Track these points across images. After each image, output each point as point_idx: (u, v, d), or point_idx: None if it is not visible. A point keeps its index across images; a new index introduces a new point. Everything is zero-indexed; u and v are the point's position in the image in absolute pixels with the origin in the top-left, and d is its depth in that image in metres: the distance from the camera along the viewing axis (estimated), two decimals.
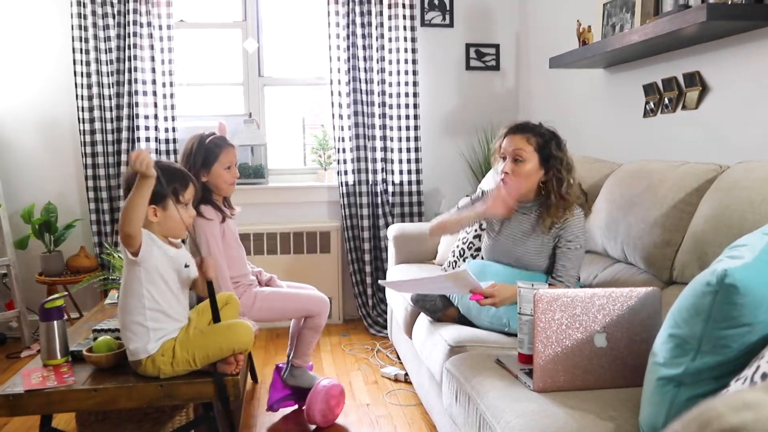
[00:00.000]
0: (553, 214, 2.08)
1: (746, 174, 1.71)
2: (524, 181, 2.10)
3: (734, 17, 1.89)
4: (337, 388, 2.51)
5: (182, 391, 1.84)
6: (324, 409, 2.43)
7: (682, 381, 1.14)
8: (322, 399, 2.42)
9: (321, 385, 2.45)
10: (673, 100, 2.43)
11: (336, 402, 2.49)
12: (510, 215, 2.15)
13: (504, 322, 2.02)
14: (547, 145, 2.09)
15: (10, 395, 1.76)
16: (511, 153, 2.11)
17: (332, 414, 2.48)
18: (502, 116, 4.00)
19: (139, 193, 1.69)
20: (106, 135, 3.62)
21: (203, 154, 2.38)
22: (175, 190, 1.86)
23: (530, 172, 2.10)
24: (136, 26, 3.52)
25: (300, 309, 2.50)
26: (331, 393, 2.46)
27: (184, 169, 1.95)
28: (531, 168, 2.09)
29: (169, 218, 1.85)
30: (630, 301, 1.49)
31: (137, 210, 1.70)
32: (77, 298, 3.69)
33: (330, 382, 2.49)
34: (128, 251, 1.76)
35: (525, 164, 2.09)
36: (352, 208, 3.82)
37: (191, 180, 1.93)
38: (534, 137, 2.10)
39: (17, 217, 3.64)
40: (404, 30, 3.75)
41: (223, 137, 2.46)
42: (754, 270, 1.07)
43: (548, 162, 2.09)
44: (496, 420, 1.44)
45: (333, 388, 2.48)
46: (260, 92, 3.94)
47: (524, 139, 2.10)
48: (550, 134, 2.13)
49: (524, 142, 2.09)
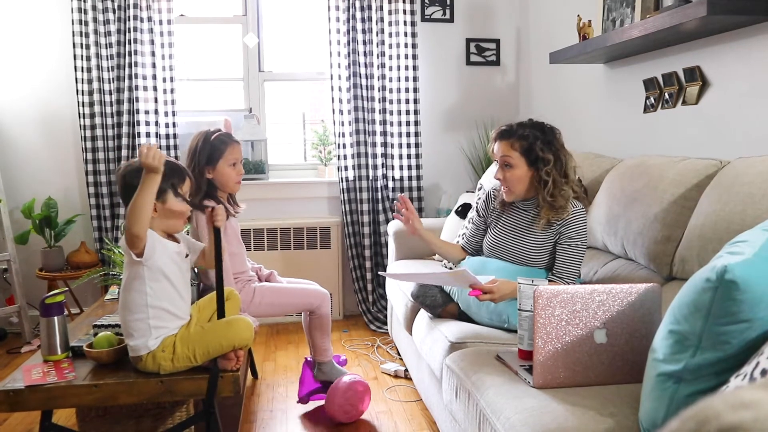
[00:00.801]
0: (545, 214, 2.09)
1: (746, 169, 1.71)
2: (517, 185, 2.14)
3: (734, 12, 1.88)
4: (360, 385, 2.45)
5: (182, 387, 1.84)
6: (344, 404, 2.40)
7: (682, 377, 1.13)
8: (341, 395, 2.39)
9: (342, 381, 2.42)
10: (673, 95, 2.43)
11: (359, 398, 2.44)
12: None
13: (504, 318, 2.02)
14: (532, 148, 2.09)
15: (11, 391, 1.77)
16: (500, 159, 2.15)
17: (355, 410, 2.44)
18: (503, 111, 3.99)
19: (147, 191, 1.68)
20: (107, 130, 3.62)
21: (208, 150, 2.37)
22: (173, 184, 1.85)
23: (520, 176, 2.13)
24: (137, 21, 3.52)
25: (298, 303, 2.50)
26: (352, 389, 2.42)
27: (179, 163, 1.94)
28: (521, 172, 2.12)
29: (169, 212, 1.84)
30: (630, 297, 1.49)
31: (145, 209, 1.68)
32: (78, 293, 3.70)
33: (352, 378, 2.46)
34: (133, 253, 1.75)
35: (514, 169, 2.12)
36: (352, 204, 3.82)
37: (187, 174, 1.92)
38: (517, 141, 2.11)
39: (18, 212, 3.64)
40: (404, 25, 3.74)
41: (229, 134, 2.46)
42: (754, 266, 1.07)
43: (536, 164, 2.10)
44: (496, 416, 1.45)
45: (354, 384, 2.43)
46: (260, 87, 3.94)
47: (508, 145, 2.12)
48: (534, 135, 2.11)
49: (509, 148, 2.12)
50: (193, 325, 1.89)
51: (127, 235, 1.72)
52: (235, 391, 1.87)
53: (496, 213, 2.31)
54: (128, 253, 1.76)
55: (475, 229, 2.38)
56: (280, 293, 2.50)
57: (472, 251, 2.40)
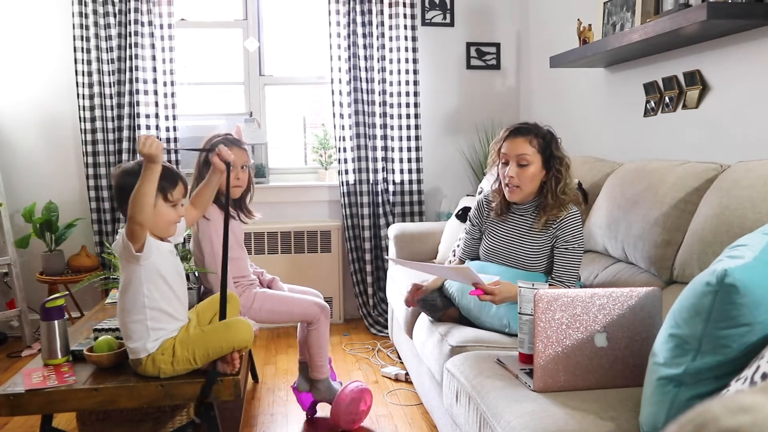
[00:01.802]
0: (549, 212, 2.08)
1: (746, 173, 1.71)
2: (529, 184, 2.10)
3: (734, 16, 1.88)
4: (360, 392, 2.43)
5: (182, 391, 1.84)
6: (349, 416, 2.40)
7: (683, 381, 1.13)
8: (345, 410, 2.38)
9: (344, 393, 2.40)
10: (673, 99, 2.43)
11: (362, 404, 2.44)
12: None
13: (504, 323, 2.02)
14: (549, 146, 2.09)
15: (11, 395, 1.76)
16: (515, 158, 2.08)
17: (359, 416, 2.44)
18: (503, 115, 4.00)
19: (148, 179, 1.69)
20: (108, 134, 3.63)
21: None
22: (163, 188, 1.82)
23: (534, 175, 2.09)
24: (137, 25, 3.52)
25: (296, 314, 2.47)
26: (353, 398, 2.41)
27: (174, 167, 1.93)
28: (535, 170, 2.08)
29: (158, 215, 1.81)
30: (630, 300, 1.49)
31: (148, 197, 1.69)
32: (78, 297, 3.70)
33: (352, 388, 2.43)
34: (133, 247, 1.74)
35: (529, 167, 2.08)
36: (352, 208, 3.82)
37: (181, 179, 1.90)
38: (536, 138, 2.09)
39: (18, 216, 3.65)
40: (405, 29, 3.75)
41: (236, 139, 2.49)
42: (754, 270, 1.07)
43: (549, 162, 2.09)
44: (496, 420, 1.44)
45: (355, 392, 2.42)
46: (261, 91, 3.94)
47: (527, 142, 2.08)
48: (549, 134, 2.12)
49: (527, 144, 2.07)
50: (193, 328, 1.88)
51: (130, 227, 1.71)
52: (236, 394, 1.87)
53: (490, 220, 2.28)
54: (128, 249, 1.74)
55: (470, 239, 2.34)
56: (281, 301, 2.47)
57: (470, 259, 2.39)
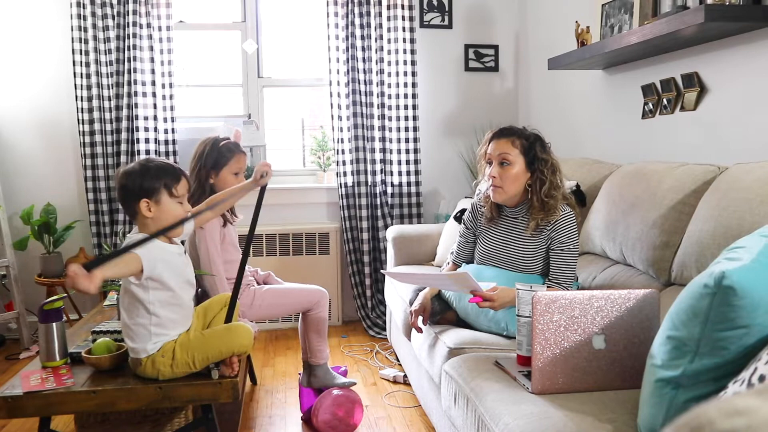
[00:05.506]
0: (535, 216, 2.09)
1: (744, 175, 1.71)
2: (512, 185, 2.11)
3: (732, 18, 1.89)
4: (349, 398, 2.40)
5: (181, 393, 1.84)
6: (330, 420, 2.35)
7: (681, 383, 1.14)
8: (326, 409, 2.35)
9: (333, 392, 2.38)
10: (671, 101, 2.43)
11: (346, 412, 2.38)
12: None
13: (502, 326, 2.02)
14: (533, 147, 2.10)
15: (9, 397, 1.76)
16: (497, 157, 2.11)
17: (344, 425, 2.38)
18: (501, 117, 4.00)
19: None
20: (106, 136, 3.63)
21: (215, 156, 2.42)
22: (166, 184, 1.81)
23: (517, 175, 2.10)
24: (136, 27, 3.52)
25: (297, 303, 2.49)
26: (337, 402, 2.37)
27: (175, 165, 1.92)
28: (518, 171, 2.10)
29: (165, 211, 1.80)
30: (628, 302, 1.49)
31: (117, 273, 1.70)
32: (76, 299, 3.70)
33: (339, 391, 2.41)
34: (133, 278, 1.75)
35: (511, 167, 2.10)
36: (351, 210, 3.82)
37: (183, 174, 1.89)
38: (519, 140, 2.11)
39: (16, 218, 3.64)
40: (403, 31, 3.75)
41: (237, 144, 2.50)
42: (751, 272, 1.07)
43: (533, 164, 2.10)
44: (494, 422, 1.44)
45: (342, 396, 2.39)
46: (259, 93, 3.94)
47: (509, 143, 2.11)
48: (534, 137, 2.14)
49: (509, 145, 2.10)
50: (193, 332, 1.88)
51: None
52: (234, 396, 1.87)
53: (483, 224, 2.28)
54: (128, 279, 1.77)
55: (464, 242, 2.34)
56: (280, 294, 2.51)
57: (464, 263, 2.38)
